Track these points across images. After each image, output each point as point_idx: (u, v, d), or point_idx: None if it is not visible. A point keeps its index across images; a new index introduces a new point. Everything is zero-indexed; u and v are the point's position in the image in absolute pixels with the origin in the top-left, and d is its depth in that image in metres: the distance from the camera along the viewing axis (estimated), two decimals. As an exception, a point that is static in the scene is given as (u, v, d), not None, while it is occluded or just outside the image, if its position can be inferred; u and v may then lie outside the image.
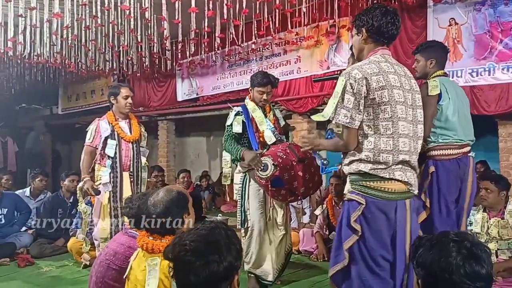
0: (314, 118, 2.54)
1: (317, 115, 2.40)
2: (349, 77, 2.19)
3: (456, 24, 4.73)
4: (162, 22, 4.75)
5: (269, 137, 3.64)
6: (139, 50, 6.43)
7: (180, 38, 5.14)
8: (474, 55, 4.66)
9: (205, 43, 5.90)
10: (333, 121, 2.26)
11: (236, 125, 3.68)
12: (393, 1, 4.83)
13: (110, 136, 4.03)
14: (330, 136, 2.85)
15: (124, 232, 2.66)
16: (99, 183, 4.03)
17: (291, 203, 4.80)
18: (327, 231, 4.89)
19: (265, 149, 3.60)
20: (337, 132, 2.31)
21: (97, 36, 5.75)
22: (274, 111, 3.95)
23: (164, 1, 4.35)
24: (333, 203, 4.90)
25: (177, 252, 1.49)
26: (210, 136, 9.20)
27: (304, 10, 5.09)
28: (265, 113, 3.80)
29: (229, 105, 4.13)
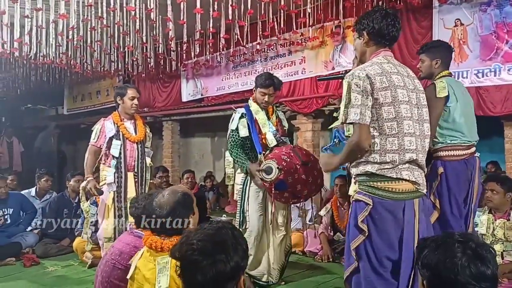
0: (333, 126, 2.55)
1: (335, 123, 2.43)
2: (353, 77, 2.20)
3: (461, 24, 4.71)
4: (167, 23, 4.77)
5: (271, 140, 3.68)
6: (144, 50, 6.45)
7: (185, 39, 5.14)
8: (480, 56, 4.64)
9: (210, 44, 5.92)
10: (346, 122, 2.23)
11: (242, 129, 3.70)
12: (398, 1, 4.82)
13: (115, 136, 4.04)
14: (336, 135, 2.79)
15: (129, 232, 2.68)
16: (103, 183, 4.03)
17: (294, 205, 4.81)
18: (331, 232, 4.89)
19: (267, 151, 3.64)
20: (348, 135, 2.29)
21: (102, 37, 5.77)
22: (277, 113, 3.96)
23: (169, 2, 4.36)
24: (338, 204, 4.90)
25: (184, 251, 1.50)
26: (215, 137, 9.21)
27: (309, 10, 5.09)
28: (268, 115, 3.82)
29: (232, 107, 4.15)
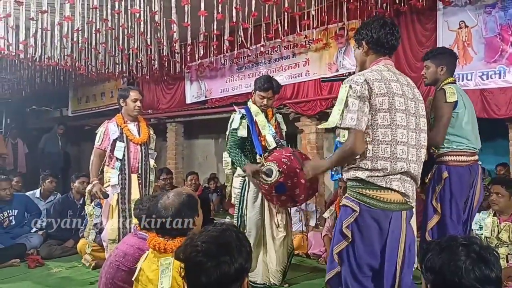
0: (320, 127, 2.55)
1: (323, 123, 2.42)
2: (351, 82, 2.21)
3: (466, 27, 4.70)
4: (172, 25, 4.78)
5: (270, 142, 3.69)
6: (149, 53, 6.47)
7: (189, 41, 5.16)
8: (485, 58, 4.63)
9: (214, 46, 5.93)
10: (341, 126, 2.23)
11: (242, 130, 3.73)
12: (402, 4, 4.81)
13: (118, 138, 4.05)
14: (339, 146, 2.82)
15: (133, 234, 2.69)
16: (107, 185, 4.04)
17: (300, 207, 4.82)
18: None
19: (267, 153, 3.64)
20: (343, 141, 2.29)
21: (107, 39, 5.79)
22: (275, 116, 3.97)
23: (173, 5, 4.37)
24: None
25: (189, 253, 1.51)
26: (218, 139, 9.22)
27: (313, 13, 5.09)
28: (267, 118, 3.83)
29: (234, 107, 4.17)
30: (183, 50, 6.45)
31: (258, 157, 3.67)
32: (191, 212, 2.15)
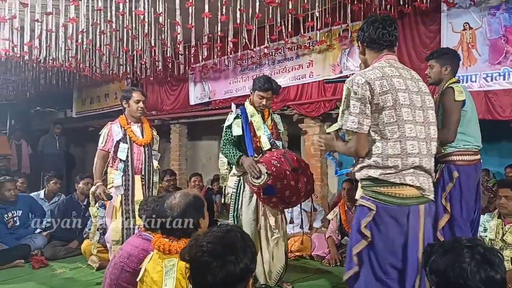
0: (328, 130, 2.57)
1: (331, 126, 2.44)
2: (352, 83, 2.22)
3: (470, 28, 4.69)
4: (176, 27, 4.79)
5: (265, 143, 3.68)
6: (153, 54, 6.48)
7: (193, 43, 5.17)
8: (489, 60, 4.61)
9: (218, 48, 5.93)
10: (342, 128, 2.26)
11: (236, 128, 3.72)
12: (406, 6, 4.81)
13: (122, 140, 4.05)
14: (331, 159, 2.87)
15: (138, 235, 2.70)
16: (111, 186, 4.05)
17: (303, 208, 4.80)
18: (339, 235, 4.88)
19: (260, 155, 3.62)
20: (348, 140, 2.31)
21: (111, 41, 5.81)
22: (272, 117, 3.97)
23: (178, 6, 4.39)
24: (346, 208, 4.88)
25: (194, 253, 1.52)
26: (222, 140, 9.21)
27: (317, 14, 5.09)
28: (263, 118, 3.82)
29: (232, 103, 4.17)
30: (187, 52, 6.45)
31: None
32: (196, 213, 2.16)
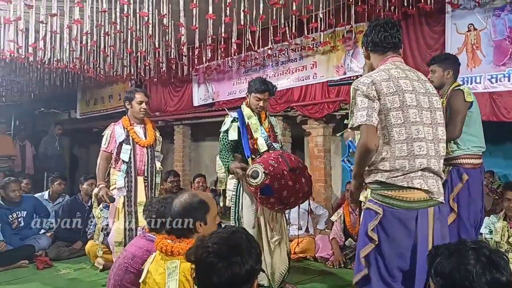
0: (345, 135, 2.58)
1: (345, 131, 2.44)
2: (358, 83, 2.24)
3: (475, 29, 4.68)
4: (180, 28, 4.80)
5: (262, 145, 3.69)
6: (157, 55, 6.50)
7: (197, 44, 5.18)
8: (494, 61, 4.59)
9: (222, 49, 5.94)
10: (354, 126, 2.22)
11: (232, 133, 3.72)
12: (410, 7, 4.79)
13: (125, 141, 4.03)
14: (350, 145, 2.86)
15: (142, 236, 2.70)
16: (114, 188, 4.03)
17: (306, 210, 4.80)
18: (343, 237, 4.87)
19: (257, 156, 3.63)
20: (357, 140, 2.30)
21: (115, 42, 5.82)
22: (269, 119, 3.97)
23: (182, 8, 4.39)
24: (350, 210, 4.87)
25: (200, 254, 1.52)
26: (225, 141, 9.21)
27: (321, 15, 5.08)
28: (260, 120, 3.83)
29: (225, 109, 4.18)
30: (190, 53, 6.47)
31: (248, 160, 3.67)
32: (196, 214, 2.13)
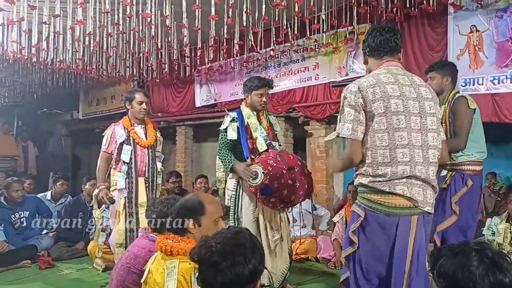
0: (326, 139, 2.62)
1: (329, 135, 2.47)
2: (346, 91, 2.25)
3: (477, 31, 4.68)
4: (182, 30, 4.81)
5: (261, 145, 3.69)
6: (159, 56, 6.51)
7: (199, 45, 5.19)
8: (496, 63, 4.59)
9: (224, 50, 5.95)
10: (339, 136, 2.26)
11: (232, 132, 3.73)
12: (413, 8, 4.80)
13: (125, 142, 3.98)
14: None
15: (145, 236, 2.71)
16: (114, 188, 3.97)
17: (308, 211, 4.81)
18: (345, 238, 4.87)
19: (257, 156, 3.63)
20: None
21: (118, 43, 5.84)
22: (268, 118, 3.97)
23: (184, 9, 4.40)
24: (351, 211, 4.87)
25: (204, 253, 1.53)
26: (228, 142, 9.21)
27: (323, 17, 5.09)
28: (259, 120, 3.83)
29: (225, 110, 4.19)
30: (193, 54, 6.48)
31: (247, 160, 3.68)
32: (188, 214, 2.15)
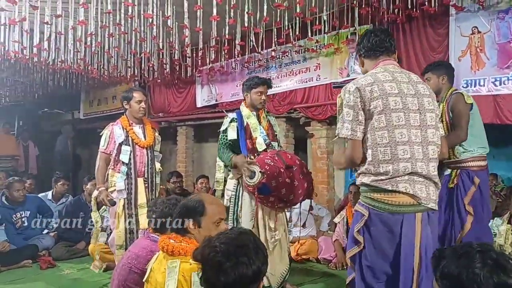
0: (335, 140, 2.63)
1: (336, 137, 2.45)
2: (344, 91, 2.25)
3: (479, 32, 4.67)
4: (184, 30, 4.81)
5: (260, 144, 3.70)
6: (161, 57, 6.51)
7: (200, 46, 5.19)
8: (497, 64, 4.59)
9: (225, 50, 5.95)
10: (338, 135, 2.27)
11: (231, 132, 3.75)
12: (414, 9, 4.80)
13: (124, 142, 3.95)
14: None
15: (146, 236, 2.71)
16: (113, 189, 3.94)
17: (309, 211, 4.80)
18: (346, 239, 4.86)
19: (255, 156, 3.63)
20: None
21: (120, 43, 5.84)
22: (268, 118, 3.98)
23: (186, 10, 4.40)
24: (353, 211, 4.87)
25: (207, 254, 1.53)
26: (228, 142, 9.22)
27: (325, 18, 5.08)
28: (258, 120, 3.84)
29: (224, 111, 4.19)
30: (194, 54, 6.48)
31: None
32: (186, 214, 2.15)
